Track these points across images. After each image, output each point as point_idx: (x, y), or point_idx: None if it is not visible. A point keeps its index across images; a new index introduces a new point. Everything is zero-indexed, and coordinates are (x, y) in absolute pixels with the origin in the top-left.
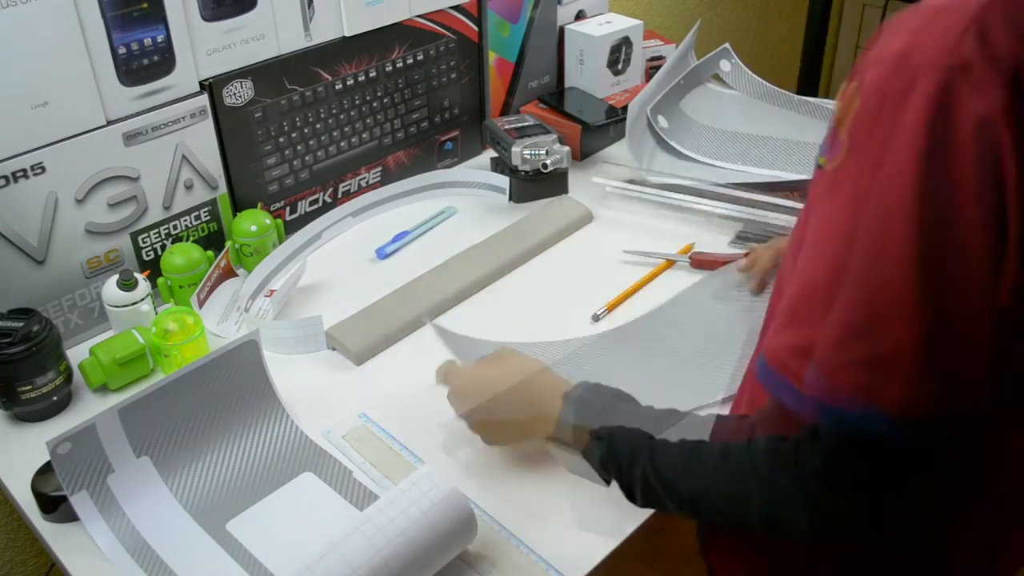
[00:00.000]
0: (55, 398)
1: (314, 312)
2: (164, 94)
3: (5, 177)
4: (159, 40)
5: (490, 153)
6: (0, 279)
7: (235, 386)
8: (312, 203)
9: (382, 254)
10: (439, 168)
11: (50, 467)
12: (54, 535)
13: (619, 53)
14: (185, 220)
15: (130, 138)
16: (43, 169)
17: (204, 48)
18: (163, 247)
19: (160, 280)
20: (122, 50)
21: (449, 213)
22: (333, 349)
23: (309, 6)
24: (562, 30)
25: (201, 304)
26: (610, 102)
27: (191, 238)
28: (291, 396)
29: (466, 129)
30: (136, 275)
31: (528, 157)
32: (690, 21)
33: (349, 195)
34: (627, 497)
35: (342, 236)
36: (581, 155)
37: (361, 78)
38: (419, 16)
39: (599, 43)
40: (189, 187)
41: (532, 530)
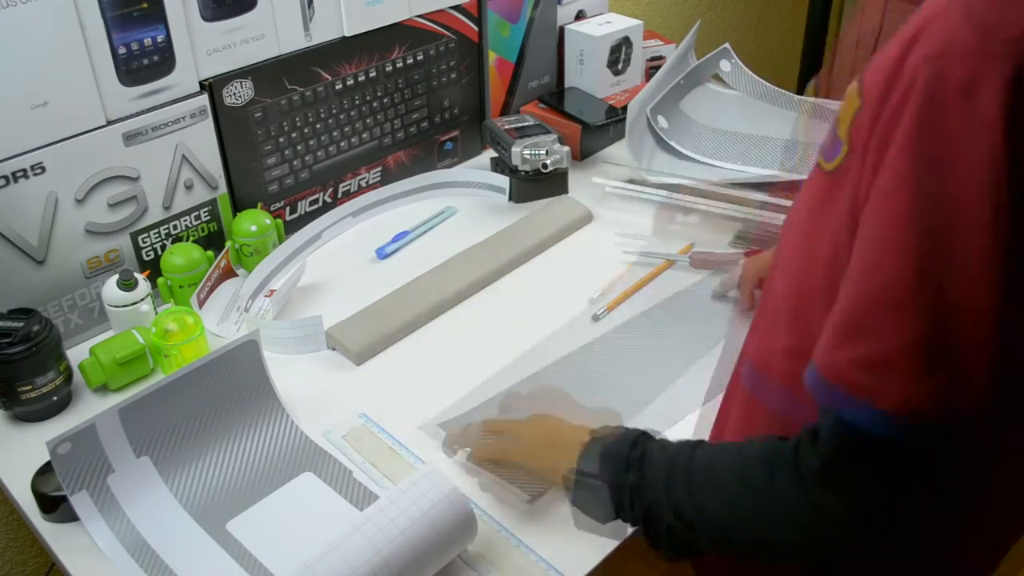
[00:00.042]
0: (55, 398)
1: (314, 312)
2: (164, 94)
3: (5, 177)
4: (159, 40)
5: (490, 153)
6: (0, 279)
7: (235, 386)
8: (312, 203)
9: (382, 254)
10: (439, 168)
11: (50, 467)
12: (54, 535)
13: (619, 53)
14: (185, 220)
15: (130, 138)
16: (43, 169)
17: (204, 48)
18: (163, 247)
19: (160, 280)
20: (122, 50)
21: (449, 213)
22: (333, 349)
23: (309, 6)
24: (562, 30)
25: (201, 304)
26: (610, 102)
27: (191, 238)
28: (291, 396)
29: (466, 129)
30: (136, 275)
31: (528, 157)
32: (690, 21)
33: (349, 195)
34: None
35: (342, 236)
36: (581, 155)
37: (361, 78)
38: (419, 16)
39: (599, 43)
40: (189, 187)
41: (532, 530)
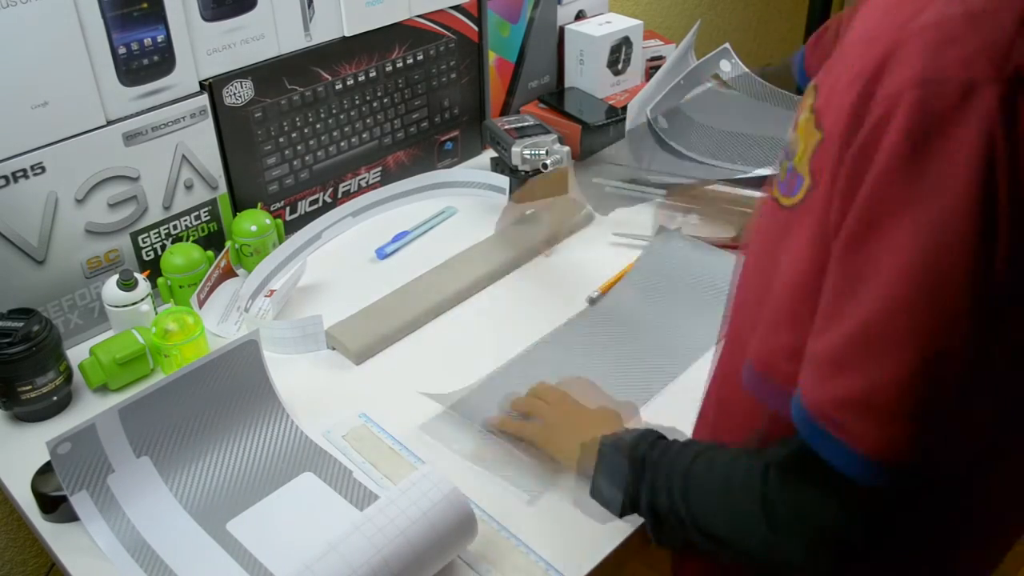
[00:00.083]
0: (55, 398)
1: (314, 312)
2: (164, 94)
3: (5, 177)
4: (159, 40)
5: (490, 153)
6: (0, 279)
7: (235, 386)
8: (312, 203)
9: (382, 254)
10: (439, 168)
11: (50, 467)
12: (54, 535)
13: (619, 53)
14: (185, 220)
15: (130, 138)
16: (43, 169)
17: (204, 48)
18: (163, 247)
19: (160, 280)
20: (122, 50)
21: (449, 213)
22: (333, 348)
23: (309, 6)
24: (562, 30)
25: (201, 304)
26: (610, 102)
27: (191, 238)
28: (291, 396)
29: (466, 129)
30: (136, 275)
31: (528, 157)
32: (690, 21)
33: (349, 195)
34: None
35: (342, 236)
36: (581, 155)
37: (361, 78)
38: (419, 16)
39: (599, 43)
40: (189, 187)
41: (532, 530)
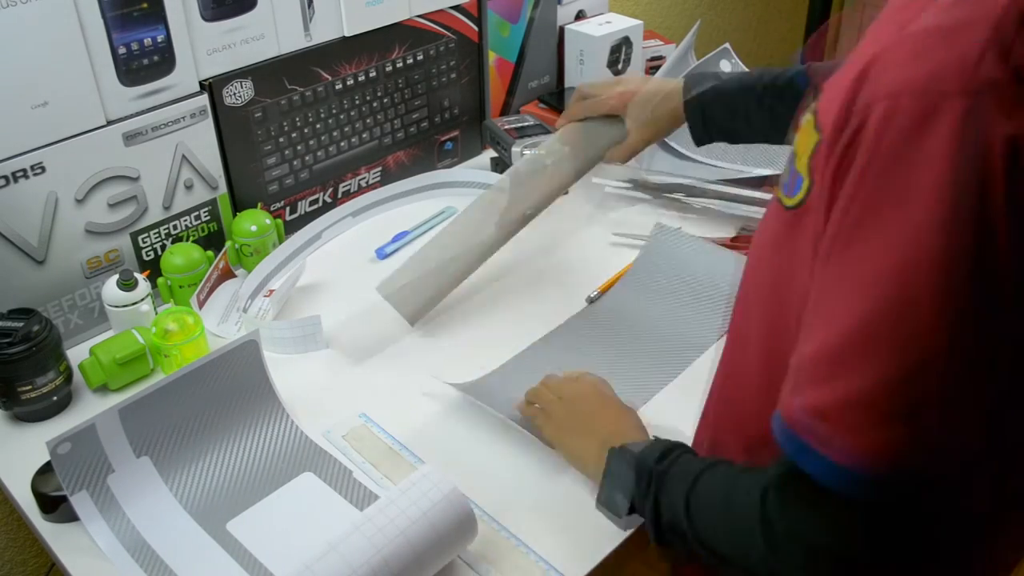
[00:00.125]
0: (55, 398)
1: (313, 312)
2: (164, 94)
3: (5, 177)
4: (159, 40)
5: (490, 153)
6: (0, 279)
7: (235, 386)
8: (312, 203)
9: (382, 254)
10: (439, 168)
11: (50, 467)
12: (54, 535)
13: (619, 53)
14: (185, 220)
15: (130, 138)
16: (43, 169)
17: (204, 48)
18: (163, 247)
19: (160, 280)
20: (122, 50)
21: (449, 213)
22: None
23: (309, 6)
24: (562, 30)
25: (201, 305)
26: None
27: (191, 238)
28: (291, 396)
29: (466, 129)
30: (136, 275)
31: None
32: (690, 21)
33: (349, 195)
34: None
35: (342, 236)
36: None
37: (361, 78)
38: (419, 16)
39: (599, 43)
40: (189, 187)
41: (532, 530)
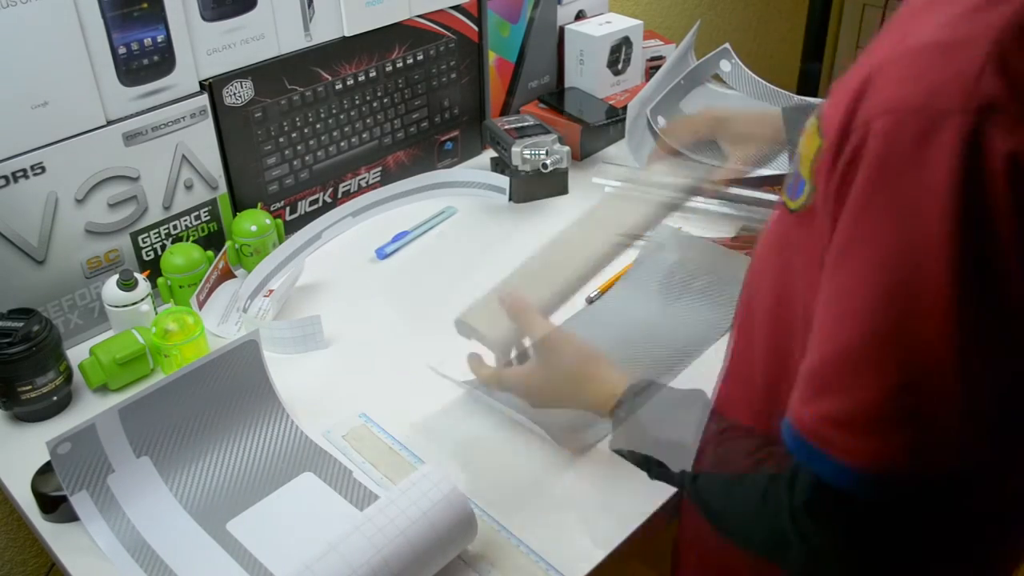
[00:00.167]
0: (55, 398)
1: (313, 312)
2: (164, 94)
3: (5, 177)
4: (159, 40)
5: (490, 153)
6: (0, 279)
7: (235, 386)
8: (312, 203)
9: (382, 254)
10: (439, 168)
11: (50, 467)
12: (54, 535)
13: (619, 53)
14: (185, 220)
15: (130, 138)
16: (43, 169)
17: (204, 48)
18: (163, 247)
19: (160, 280)
20: (122, 50)
21: (449, 213)
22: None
23: (309, 6)
24: (562, 30)
25: (201, 305)
26: (610, 102)
27: (191, 238)
28: (291, 396)
29: (466, 129)
30: (136, 275)
31: (528, 157)
32: (690, 21)
33: (349, 195)
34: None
35: (342, 236)
36: (581, 155)
37: (361, 78)
38: (419, 16)
39: (599, 43)
40: (189, 187)
41: (532, 530)
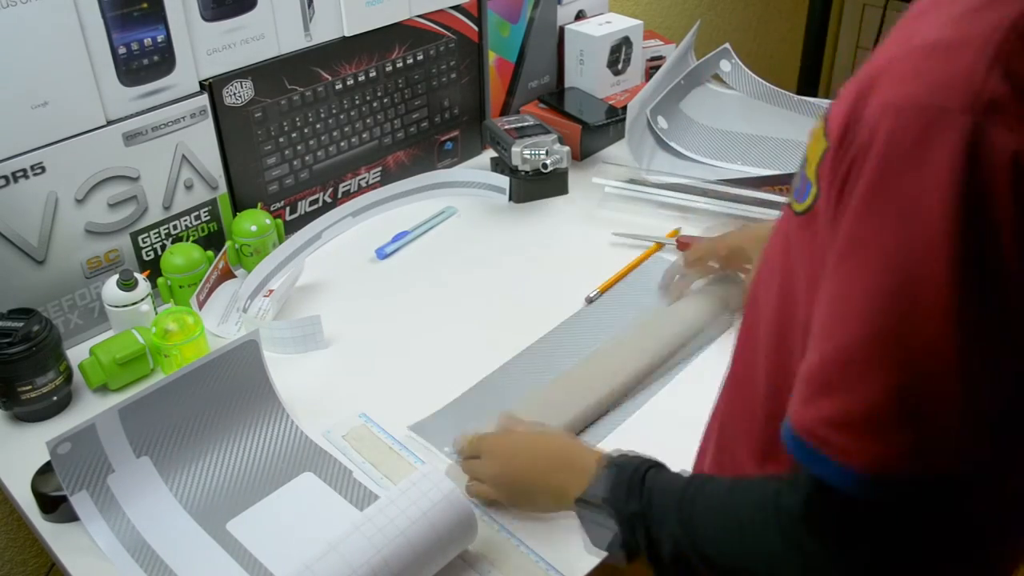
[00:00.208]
0: (55, 398)
1: (314, 312)
2: (164, 94)
3: (5, 177)
4: (159, 40)
5: (490, 153)
6: (0, 279)
7: (235, 386)
8: (312, 203)
9: (382, 254)
10: (439, 168)
11: (50, 467)
12: (54, 535)
13: (619, 53)
14: (185, 220)
15: (130, 138)
16: (43, 169)
17: (204, 48)
18: (163, 247)
19: (160, 280)
20: (122, 50)
21: (449, 213)
22: None
23: (309, 6)
24: (562, 30)
25: (201, 305)
26: (610, 102)
27: (191, 238)
28: (291, 396)
29: (466, 129)
30: (136, 275)
31: (528, 157)
32: (690, 21)
33: (349, 195)
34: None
35: (342, 236)
36: (581, 155)
37: (361, 78)
38: (419, 16)
39: (599, 43)
40: (189, 187)
41: (532, 530)
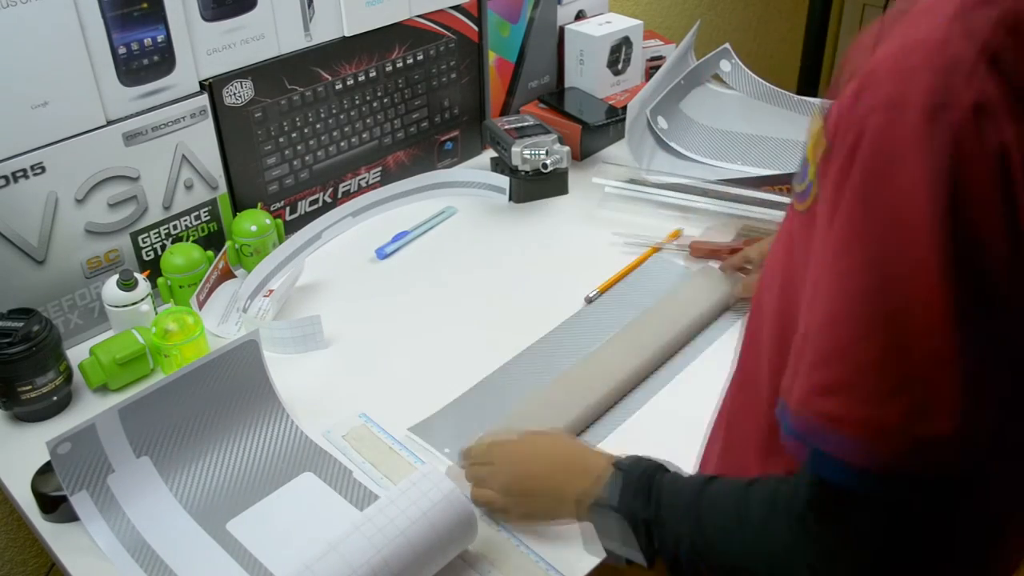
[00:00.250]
0: (55, 398)
1: (314, 312)
2: (164, 94)
3: (5, 177)
4: (159, 40)
5: (490, 153)
6: (0, 279)
7: (235, 386)
8: (312, 203)
9: (382, 254)
10: (439, 168)
11: (50, 467)
12: (54, 535)
13: (619, 53)
14: (185, 220)
15: (130, 138)
16: (43, 169)
17: (204, 48)
18: (163, 247)
19: (160, 280)
20: (122, 50)
21: (449, 213)
22: None
23: (309, 6)
24: (562, 30)
25: (201, 305)
26: (610, 102)
27: (191, 238)
28: (291, 396)
29: (466, 129)
30: (136, 275)
31: (528, 157)
32: (690, 21)
33: (349, 195)
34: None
35: (342, 236)
36: (581, 155)
37: (361, 78)
38: (419, 16)
39: (599, 43)
40: (189, 187)
41: (532, 530)
